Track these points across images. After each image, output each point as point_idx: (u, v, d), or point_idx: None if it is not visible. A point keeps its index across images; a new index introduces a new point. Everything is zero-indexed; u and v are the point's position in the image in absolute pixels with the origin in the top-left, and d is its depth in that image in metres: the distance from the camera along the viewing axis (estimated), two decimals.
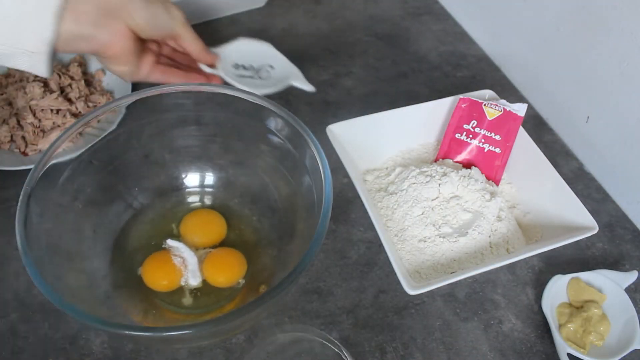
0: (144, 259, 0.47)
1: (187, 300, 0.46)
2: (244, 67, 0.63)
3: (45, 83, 0.62)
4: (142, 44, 0.48)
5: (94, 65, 0.70)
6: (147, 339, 0.40)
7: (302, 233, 0.44)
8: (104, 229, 0.47)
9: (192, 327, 0.32)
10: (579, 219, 0.49)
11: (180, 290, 0.46)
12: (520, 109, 0.56)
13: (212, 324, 0.33)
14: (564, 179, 0.52)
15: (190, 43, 0.50)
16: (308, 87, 0.62)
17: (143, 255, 0.47)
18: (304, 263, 0.36)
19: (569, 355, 0.46)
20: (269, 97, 0.47)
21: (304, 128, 0.43)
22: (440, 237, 0.50)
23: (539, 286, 0.52)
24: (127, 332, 0.34)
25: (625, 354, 0.46)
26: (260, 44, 0.67)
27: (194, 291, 0.47)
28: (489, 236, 0.50)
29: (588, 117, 0.61)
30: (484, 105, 0.56)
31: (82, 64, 0.69)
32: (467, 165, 0.57)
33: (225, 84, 0.53)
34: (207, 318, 0.36)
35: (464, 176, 0.53)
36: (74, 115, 0.61)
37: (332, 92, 0.70)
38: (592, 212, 0.49)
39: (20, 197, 0.39)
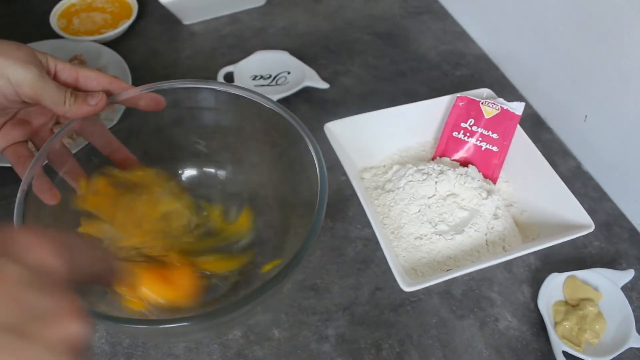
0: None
1: None
2: (262, 77, 0.68)
3: None
4: None
5: (94, 64, 0.70)
6: (142, 332, 0.40)
7: (299, 230, 0.44)
8: None
9: (186, 320, 0.33)
10: (575, 218, 0.49)
11: None
12: (517, 108, 0.56)
13: (205, 317, 0.33)
14: (561, 177, 0.52)
15: (50, 107, 0.38)
16: (322, 85, 0.69)
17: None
18: (299, 257, 0.36)
19: (564, 353, 0.46)
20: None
21: (300, 124, 0.43)
22: (436, 234, 0.50)
23: (535, 284, 0.52)
24: (123, 324, 0.34)
25: (620, 351, 0.46)
26: (276, 52, 0.72)
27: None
28: (486, 234, 0.50)
29: (586, 116, 0.62)
30: (482, 103, 0.56)
31: (83, 62, 0.70)
32: (464, 163, 0.57)
33: None
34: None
35: (461, 174, 0.53)
36: None
37: (330, 90, 0.70)
38: (590, 211, 0.49)
39: (18, 195, 0.39)
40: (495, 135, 0.56)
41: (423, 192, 0.52)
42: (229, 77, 0.70)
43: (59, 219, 0.43)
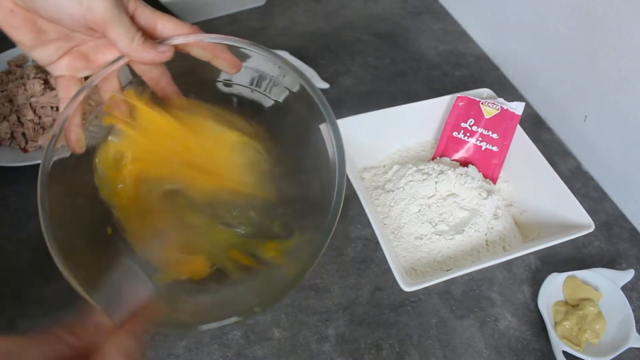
0: None
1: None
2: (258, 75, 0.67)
3: (45, 80, 0.62)
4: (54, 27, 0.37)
5: None
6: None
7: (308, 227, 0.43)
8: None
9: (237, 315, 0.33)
10: (575, 218, 0.49)
11: None
12: (517, 108, 0.56)
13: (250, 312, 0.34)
14: (561, 177, 0.52)
15: (115, 41, 0.36)
16: (322, 85, 0.69)
17: None
18: (316, 255, 0.35)
19: (564, 353, 0.46)
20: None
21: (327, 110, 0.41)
22: (436, 234, 0.50)
23: (535, 284, 0.52)
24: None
25: (620, 352, 0.46)
26: (269, 50, 0.71)
27: None
28: (486, 234, 0.50)
29: (586, 116, 0.62)
30: (482, 103, 0.56)
31: None
32: (464, 163, 0.57)
33: None
34: None
35: (461, 174, 0.53)
36: None
37: (331, 90, 0.70)
38: (590, 211, 0.49)
39: (49, 139, 0.36)
40: (495, 135, 0.56)
41: (423, 192, 0.52)
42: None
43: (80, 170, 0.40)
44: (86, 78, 0.40)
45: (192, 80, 0.44)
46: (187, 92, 0.43)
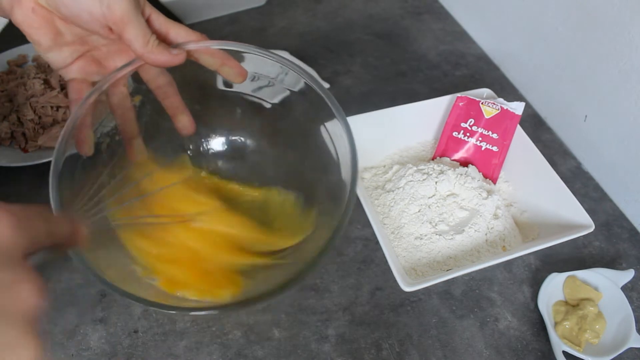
0: None
1: None
2: (260, 78, 0.67)
3: (45, 80, 0.62)
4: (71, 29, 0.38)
5: None
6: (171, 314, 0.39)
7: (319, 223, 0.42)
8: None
9: (216, 308, 0.33)
10: (575, 218, 0.49)
11: None
12: (517, 108, 0.56)
13: (231, 307, 0.34)
14: (561, 177, 0.52)
15: (131, 41, 0.36)
16: (323, 84, 0.68)
17: None
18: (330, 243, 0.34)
19: (564, 353, 0.46)
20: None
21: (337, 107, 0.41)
22: (436, 234, 0.50)
23: (535, 284, 0.52)
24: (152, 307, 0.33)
25: (620, 352, 0.46)
26: (275, 53, 0.71)
27: None
28: (486, 234, 0.50)
29: (586, 116, 0.62)
30: (482, 103, 0.56)
31: None
32: (464, 163, 0.57)
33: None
34: None
35: (461, 174, 0.53)
36: None
37: (331, 90, 0.70)
38: (590, 211, 0.49)
39: (57, 144, 0.36)
40: (495, 135, 0.56)
41: (423, 192, 0.52)
42: None
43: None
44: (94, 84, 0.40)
45: (193, 86, 0.44)
46: (190, 99, 0.44)
